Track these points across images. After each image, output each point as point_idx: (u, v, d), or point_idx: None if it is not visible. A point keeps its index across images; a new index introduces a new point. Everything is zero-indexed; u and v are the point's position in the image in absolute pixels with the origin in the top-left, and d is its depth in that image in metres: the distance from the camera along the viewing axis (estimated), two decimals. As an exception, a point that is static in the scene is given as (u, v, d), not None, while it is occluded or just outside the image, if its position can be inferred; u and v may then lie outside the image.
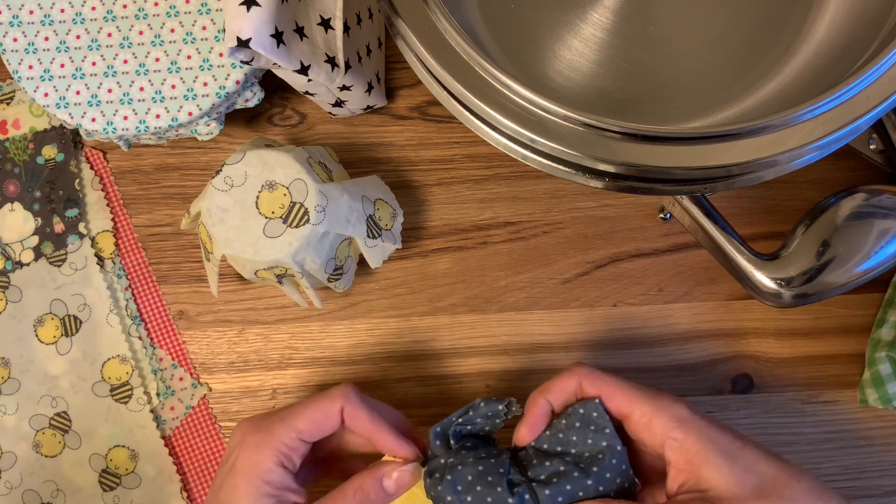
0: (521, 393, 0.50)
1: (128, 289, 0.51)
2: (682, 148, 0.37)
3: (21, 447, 0.49)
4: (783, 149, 0.36)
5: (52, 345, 0.50)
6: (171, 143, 0.52)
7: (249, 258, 0.41)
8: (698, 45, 0.45)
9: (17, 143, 0.51)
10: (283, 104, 0.52)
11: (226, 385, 0.50)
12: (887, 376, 0.46)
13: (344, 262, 0.45)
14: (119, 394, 0.50)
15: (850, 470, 0.49)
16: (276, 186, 0.42)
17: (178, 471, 0.49)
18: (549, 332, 0.50)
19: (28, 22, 0.45)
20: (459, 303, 0.50)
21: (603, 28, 0.45)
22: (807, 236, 0.42)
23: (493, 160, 0.51)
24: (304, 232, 0.41)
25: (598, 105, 0.44)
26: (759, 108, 0.43)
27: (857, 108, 0.37)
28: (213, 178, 0.42)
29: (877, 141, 0.47)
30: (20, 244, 0.50)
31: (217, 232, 0.42)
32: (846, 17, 0.43)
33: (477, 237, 0.51)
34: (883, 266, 0.41)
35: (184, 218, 0.46)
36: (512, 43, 0.45)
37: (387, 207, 0.46)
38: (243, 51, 0.37)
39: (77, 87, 0.45)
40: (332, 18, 0.42)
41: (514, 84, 0.37)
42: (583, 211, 0.51)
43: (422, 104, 0.52)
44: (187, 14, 0.45)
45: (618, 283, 0.50)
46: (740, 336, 0.50)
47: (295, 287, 0.45)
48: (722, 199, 0.50)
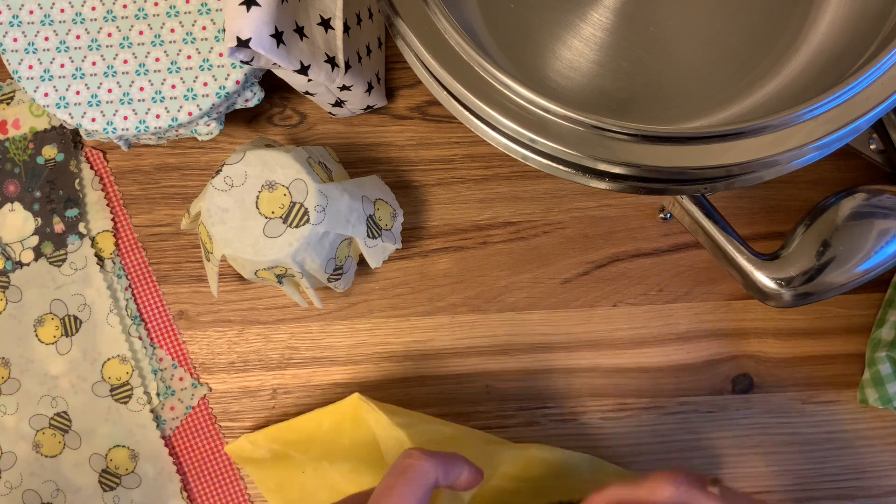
0: (521, 393, 0.50)
1: (128, 289, 0.51)
2: (683, 148, 0.37)
3: (21, 447, 0.49)
4: (783, 149, 0.36)
5: (52, 345, 0.50)
6: (171, 143, 0.52)
7: (249, 258, 0.41)
8: (698, 45, 0.45)
9: (17, 143, 0.51)
10: (283, 104, 0.52)
11: (226, 385, 0.50)
12: (887, 376, 0.46)
13: (344, 262, 0.45)
14: (119, 394, 0.50)
15: (850, 470, 0.49)
16: (276, 186, 0.42)
17: (178, 471, 0.49)
18: (549, 332, 0.50)
19: (28, 22, 0.45)
20: (459, 303, 0.50)
21: (603, 28, 0.45)
22: (807, 236, 0.42)
23: (493, 160, 0.51)
24: (304, 232, 0.41)
25: (598, 105, 0.44)
26: (759, 108, 0.43)
27: (858, 107, 0.37)
28: (213, 178, 0.42)
29: (877, 141, 0.47)
30: (20, 244, 0.50)
31: (217, 232, 0.42)
32: (846, 17, 0.43)
33: (477, 237, 0.51)
34: (883, 266, 0.41)
35: (184, 218, 0.46)
36: (512, 43, 0.45)
37: (387, 207, 0.46)
38: (243, 51, 0.37)
39: (77, 87, 0.45)
40: (332, 18, 0.42)
41: (514, 84, 0.37)
42: (583, 211, 0.51)
43: (422, 104, 0.52)
44: (187, 14, 0.45)
45: (618, 283, 0.50)
46: (740, 336, 0.50)
47: (295, 287, 0.45)
48: (722, 199, 0.50)
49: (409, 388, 0.50)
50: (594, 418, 0.50)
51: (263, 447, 0.49)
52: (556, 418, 0.50)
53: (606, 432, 0.50)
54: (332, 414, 0.48)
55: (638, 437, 0.49)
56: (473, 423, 0.50)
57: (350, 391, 0.49)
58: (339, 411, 0.48)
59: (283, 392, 0.50)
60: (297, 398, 0.50)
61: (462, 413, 0.50)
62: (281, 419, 0.50)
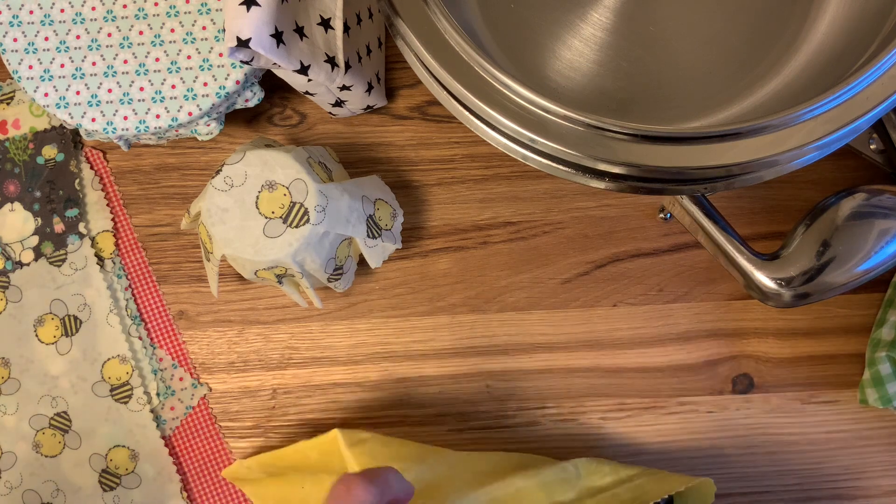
0: (522, 393, 0.50)
1: (128, 289, 0.51)
2: (683, 148, 0.37)
3: (21, 447, 0.49)
4: (783, 149, 0.36)
5: (52, 345, 0.50)
6: (171, 143, 0.52)
7: (249, 258, 0.41)
8: (699, 45, 0.45)
9: (17, 143, 0.51)
10: (283, 104, 0.52)
11: (226, 385, 0.50)
12: (887, 376, 0.46)
13: (344, 262, 0.45)
14: (119, 394, 0.50)
15: (850, 470, 0.49)
16: (276, 186, 0.42)
17: (178, 471, 0.49)
18: (549, 332, 0.50)
19: (28, 22, 0.45)
20: (459, 303, 0.50)
21: (603, 28, 0.45)
22: (807, 236, 0.42)
23: (493, 160, 0.51)
24: (304, 232, 0.41)
25: (598, 105, 0.44)
26: (759, 108, 0.43)
27: (858, 107, 0.37)
28: (213, 178, 0.42)
29: (877, 141, 0.47)
30: (20, 244, 0.50)
31: (217, 232, 0.42)
32: (846, 17, 0.43)
33: (477, 237, 0.51)
34: (883, 266, 0.41)
35: (184, 218, 0.46)
36: (512, 43, 0.45)
37: (387, 207, 0.46)
38: (243, 51, 0.37)
39: (77, 87, 0.45)
40: (332, 18, 0.42)
41: (514, 84, 0.36)
42: (583, 211, 0.51)
43: (422, 104, 0.52)
44: (187, 14, 0.45)
45: (618, 283, 0.50)
46: (740, 336, 0.50)
47: (295, 287, 0.45)
48: (722, 199, 0.50)
49: (409, 388, 0.50)
50: (594, 418, 0.50)
51: (257, 471, 0.49)
52: (556, 418, 0.50)
53: (606, 432, 0.50)
54: (317, 447, 0.47)
55: (638, 437, 0.50)
56: (473, 422, 0.50)
57: (350, 391, 0.49)
58: (322, 444, 0.47)
59: (283, 392, 0.50)
60: (297, 398, 0.50)
61: (462, 413, 0.50)
62: (281, 419, 0.50)
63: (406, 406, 0.49)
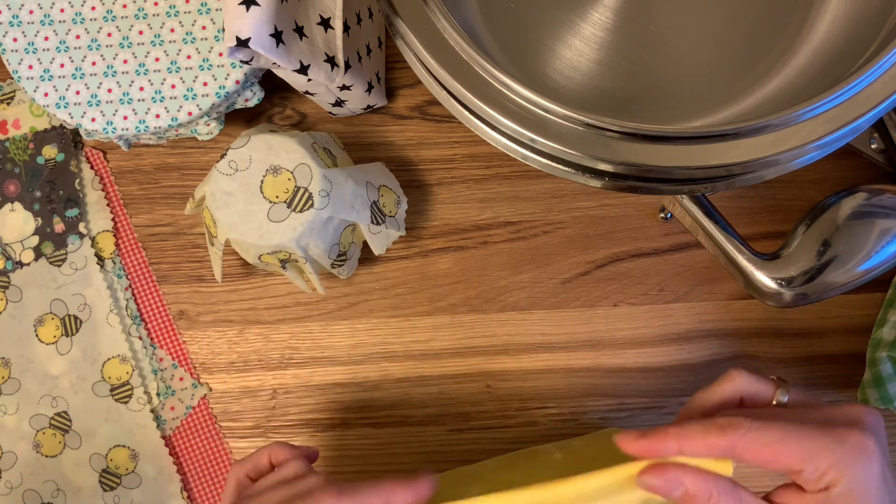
0: (522, 393, 0.50)
1: (128, 289, 0.51)
2: (683, 147, 0.36)
3: (21, 447, 0.49)
4: (784, 148, 0.36)
5: (52, 345, 0.50)
6: (171, 143, 0.52)
7: (253, 242, 0.41)
8: (699, 45, 0.45)
9: (17, 143, 0.51)
10: (283, 104, 0.52)
11: (226, 385, 0.50)
12: (888, 376, 0.46)
13: (348, 248, 0.45)
14: (119, 394, 0.50)
15: (851, 470, 0.49)
16: (280, 171, 0.42)
17: (178, 471, 0.49)
18: (550, 332, 0.50)
19: (28, 22, 0.45)
20: (459, 303, 0.50)
21: (603, 27, 0.45)
22: (807, 236, 0.42)
23: (493, 160, 0.51)
24: (308, 216, 0.41)
25: (598, 105, 0.44)
26: (760, 108, 0.43)
27: (858, 107, 0.37)
28: (218, 162, 0.42)
29: (878, 140, 0.47)
30: (20, 244, 0.50)
31: (221, 215, 0.42)
32: (846, 17, 0.43)
33: (477, 237, 0.51)
34: (884, 266, 0.41)
35: (188, 202, 0.46)
36: (512, 43, 0.45)
37: (391, 194, 0.46)
38: (243, 50, 0.37)
39: (77, 87, 0.45)
40: (332, 18, 0.42)
41: (514, 84, 0.36)
42: (583, 210, 0.51)
43: (422, 104, 0.52)
44: (187, 14, 0.45)
45: (618, 283, 0.50)
46: (741, 336, 0.50)
47: (299, 273, 0.45)
48: (722, 199, 0.50)
49: (409, 388, 0.50)
50: (594, 418, 0.50)
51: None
52: (556, 418, 0.50)
53: (607, 432, 0.50)
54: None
55: (638, 437, 0.49)
56: (474, 422, 0.50)
57: (350, 391, 0.49)
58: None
59: (283, 392, 0.50)
60: (298, 398, 0.50)
61: (462, 413, 0.50)
62: (281, 419, 0.50)
63: (406, 406, 0.49)
